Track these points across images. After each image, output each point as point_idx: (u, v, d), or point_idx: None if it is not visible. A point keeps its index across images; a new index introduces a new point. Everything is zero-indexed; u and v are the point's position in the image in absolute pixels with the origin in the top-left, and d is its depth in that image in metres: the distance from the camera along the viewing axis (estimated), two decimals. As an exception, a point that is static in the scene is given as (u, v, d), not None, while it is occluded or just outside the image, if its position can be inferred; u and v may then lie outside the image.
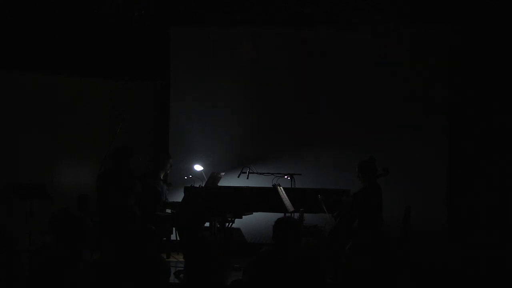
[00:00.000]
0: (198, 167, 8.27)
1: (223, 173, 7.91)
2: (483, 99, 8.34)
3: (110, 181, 6.72)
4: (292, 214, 6.65)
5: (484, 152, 8.28)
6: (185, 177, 8.01)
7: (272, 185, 7.02)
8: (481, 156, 8.28)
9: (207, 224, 7.37)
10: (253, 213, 7.57)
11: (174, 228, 7.76)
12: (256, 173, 7.78)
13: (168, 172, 8.13)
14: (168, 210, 7.99)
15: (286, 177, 7.63)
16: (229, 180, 8.10)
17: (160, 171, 7.91)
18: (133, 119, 9.00)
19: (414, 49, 8.55)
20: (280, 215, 5.44)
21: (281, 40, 8.82)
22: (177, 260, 7.37)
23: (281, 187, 6.94)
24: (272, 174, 7.62)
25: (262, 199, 7.11)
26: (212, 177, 7.68)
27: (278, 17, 8.70)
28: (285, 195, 6.85)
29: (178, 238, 7.64)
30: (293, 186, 7.56)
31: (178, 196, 7.95)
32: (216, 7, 8.78)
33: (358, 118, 8.59)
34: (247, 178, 7.74)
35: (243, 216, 7.43)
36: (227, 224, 7.40)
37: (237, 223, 7.57)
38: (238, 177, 7.83)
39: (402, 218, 6.70)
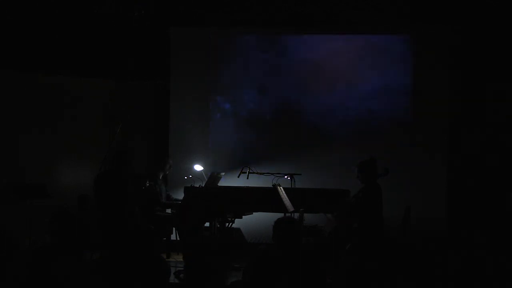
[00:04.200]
0: (198, 167, 8.27)
1: (223, 173, 7.91)
2: (483, 99, 8.34)
3: (109, 182, 6.72)
4: (292, 214, 6.64)
5: (484, 152, 8.28)
6: (185, 177, 8.00)
7: (272, 185, 7.01)
8: (481, 156, 8.28)
9: (207, 224, 7.37)
10: (253, 213, 7.56)
11: (174, 228, 7.76)
12: (256, 173, 7.77)
13: (167, 173, 8.13)
14: (168, 210, 7.99)
15: (286, 177, 7.62)
16: (229, 180, 8.10)
17: (159, 171, 7.91)
18: (133, 119, 9.01)
19: (414, 49, 8.55)
20: (280, 215, 5.43)
21: (280, 40, 8.82)
22: (177, 260, 7.36)
23: (281, 187, 6.93)
24: (272, 174, 7.61)
25: (262, 199, 7.11)
26: (212, 177, 7.68)
27: (278, 17, 8.70)
28: (285, 195, 6.85)
29: (178, 238, 7.64)
30: (293, 186, 7.55)
31: (178, 196, 7.96)
32: (216, 7, 8.78)
33: (358, 118, 8.60)
34: (247, 178, 7.73)
35: (243, 216, 7.43)
36: (227, 224, 7.40)
37: (237, 223, 7.56)
38: (238, 177, 7.83)
39: (402, 218, 6.69)
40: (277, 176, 7.54)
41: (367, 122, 8.59)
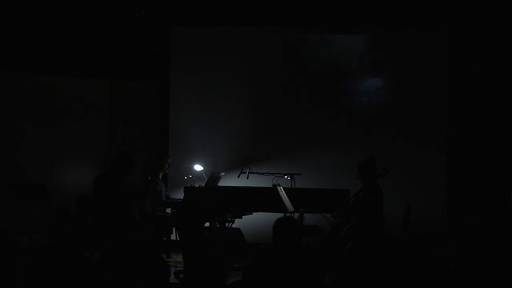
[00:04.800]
0: (198, 167, 8.26)
1: (223, 173, 7.90)
2: (483, 99, 8.33)
3: (106, 183, 6.72)
4: (292, 214, 6.64)
5: (484, 152, 8.27)
6: (185, 177, 8.00)
7: (272, 185, 7.01)
8: (481, 156, 8.27)
9: (207, 224, 7.37)
10: (253, 213, 7.56)
11: (174, 228, 7.76)
12: (256, 173, 7.78)
13: (167, 172, 8.13)
14: (168, 210, 7.99)
15: (286, 177, 7.63)
16: (229, 180, 8.09)
17: (158, 171, 7.91)
18: (133, 119, 9.01)
19: (414, 49, 8.55)
20: (280, 215, 5.43)
21: (281, 40, 8.82)
22: (177, 260, 7.36)
23: (281, 187, 6.93)
24: (272, 174, 7.61)
25: (262, 199, 7.11)
26: (212, 177, 7.67)
27: (279, 17, 8.70)
28: (285, 195, 6.85)
29: (178, 238, 7.63)
30: (293, 186, 7.56)
31: (178, 196, 7.96)
32: (216, 7, 8.78)
33: (358, 118, 8.60)
34: (247, 178, 7.74)
35: (243, 216, 7.42)
36: (227, 224, 7.40)
37: (237, 223, 7.56)
38: (238, 177, 7.83)
39: (402, 218, 6.70)
40: (277, 176, 7.54)
41: (367, 122, 8.58)
